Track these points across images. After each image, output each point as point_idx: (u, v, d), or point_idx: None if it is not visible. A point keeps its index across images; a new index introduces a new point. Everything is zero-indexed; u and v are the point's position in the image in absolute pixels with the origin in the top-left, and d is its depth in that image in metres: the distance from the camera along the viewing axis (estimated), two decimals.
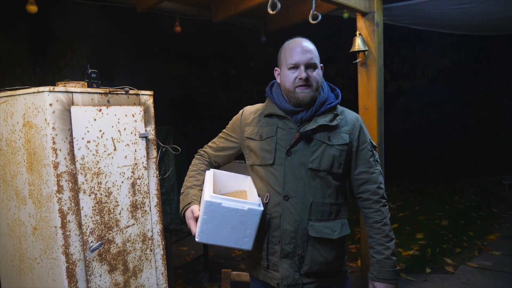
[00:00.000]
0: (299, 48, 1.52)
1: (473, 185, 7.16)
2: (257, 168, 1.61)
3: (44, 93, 1.78)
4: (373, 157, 1.60)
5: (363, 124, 1.63)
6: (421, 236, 4.80)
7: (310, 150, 1.51)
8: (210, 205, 1.40)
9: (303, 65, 1.50)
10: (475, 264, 3.95)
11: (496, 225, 5.12)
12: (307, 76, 1.50)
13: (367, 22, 3.10)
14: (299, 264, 1.52)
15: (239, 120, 1.73)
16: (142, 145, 2.23)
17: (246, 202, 1.44)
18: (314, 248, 1.51)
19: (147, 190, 2.27)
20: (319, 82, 1.56)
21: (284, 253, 1.52)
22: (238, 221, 1.42)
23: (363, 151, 1.58)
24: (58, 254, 1.83)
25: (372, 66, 3.12)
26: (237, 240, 1.44)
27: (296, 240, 1.51)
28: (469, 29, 3.99)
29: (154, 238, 2.32)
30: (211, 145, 1.80)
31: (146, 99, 2.30)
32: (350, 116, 1.62)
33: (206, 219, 1.40)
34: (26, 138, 1.88)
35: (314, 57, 1.53)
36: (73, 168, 1.88)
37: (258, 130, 1.62)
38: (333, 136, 1.54)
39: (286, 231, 1.51)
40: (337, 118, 1.56)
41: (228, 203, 1.40)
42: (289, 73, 1.53)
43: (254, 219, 1.42)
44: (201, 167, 1.74)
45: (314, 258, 1.51)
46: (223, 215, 1.41)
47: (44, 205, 1.85)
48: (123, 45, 4.29)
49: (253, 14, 3.98)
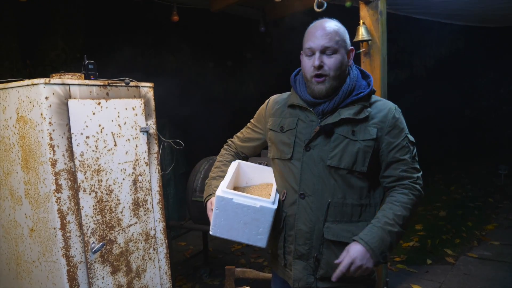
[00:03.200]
0: (318, 31, 1.36)
1: (469, 175, 7.19)
2: (277, 162, 1.52)
3: (39, 85, 1.66)
4: (410, 154, 1.39)
5: (398, 116, 1.40)
6: (420, 227, 4.79)
7: (330, 145, 1.37)
8: (221, 200, 1.36)
9: (319, 51, 1.35)
10: (475, 254, 3.95)
11: (493, 215, 5.15)
12: (320, 63, 1.34)
13: (371, 11, 3.01)
14: (314, 267, 1.42)
15: (264, 110, 1.63)
16: (143, 140, 2.13)
17: (259, 199, 1.38)
18: (330, 252, 1.39)
19: (149, 187, 2.17)
20: (339, 69, 1.37)
21: (298, 254, 1.44)
22: (250, 218, 1.37)
23: (395, 148, 1.38)
24: (58, 257, 1.73)
25: (376, 56, 3.05)
26: (250, 237, 1.39)
27: (311, 241, 1.41)
28: (470, 19, 3.95)
29: (157, 236, 2.23)
30: (238, 135, 1.73)
31: (147, 91, 2.19)
32: (383, 106, 1.41)
33: (218, 213, 1.38)
34: (21, 134, 1.76)
35: (333, 40, 1.35)
36: (72, 166, 1.77)
37: (280, 121, 1.51)
38: (359, 130, 1.37)
39: (301, 231, 1.42)
40: (365, 111, 1.38)
41: (239, 199, 1.36)
42: (306, 59, 1.40)
43: (267, 217, 1.36)
44: (227, 158, 1.69)
45: (330, 263, 1.39)
46: (235, 210, 1.36)
47: (42, 205, 1.74)
48: (118, 36, 4.13)
49: (252, 3, 3.87)
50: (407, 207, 1.35)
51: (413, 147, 1.42)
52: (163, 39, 4.92)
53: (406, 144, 1.39)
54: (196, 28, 5.00)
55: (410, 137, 1.42)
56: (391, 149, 1.38)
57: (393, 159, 1.39)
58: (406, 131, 1.41)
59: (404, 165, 1.39)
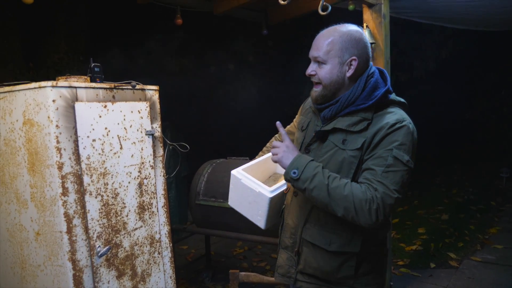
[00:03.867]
0: (315, 40, 1.43)
1: (470, 178, 7.18)
2: None
3: (46, 88, 1.65)
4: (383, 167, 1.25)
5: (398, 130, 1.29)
6: (422, 230, 4.78)
7: (322, 151, 1.44)
8: (234, 178, 1.59)
9: (312, 60, 1.42)
10: (478, 258, 3.94)
11: (495, 218, 5.14)
12: (310, 72, 1.42)
13: (374, 14, 3.02)
14: (296, 260, 1.52)
15: (301, 108, 1.73)
16: (148, 143, 2.12)
17: (260, 185, 1.54)
18: (308, 251, 1.47)
19: (154, 190, 2.16)
20: (329, 79, 1.36)
21: (283, 245, 1.58)
22: (252, 199, 1.55)
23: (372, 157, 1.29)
24: (64, 261, 1.72)
25: (379, 59, 3.05)
26: (253, 215, 1.59)
27: (296, 237, 1.51)
28: (472, 23, 3.95)
29: (162, 240, 2.21)
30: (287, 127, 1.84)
31: (152, 94, 2.18)
32: (385, 119, 1.32)
33: (232, 188, 1.62)
34: (27, 137, 1.75)
35: (322, 51, 1.35)
36: (78, 169, 1.76)
37: (303, 121, 1.61)
38: (350, 139, 1.35)
39: (287, 225, 1.56)
40: (363, 123, 1.33)
41: (245, 181, 1.56)
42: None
43: (263, 203, 1.53)
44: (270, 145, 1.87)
45: (307, 261, 1.48)
46: (242, 189, 1.56)
47: (48, 209, 1.73)
48: (121, 39, 4.13)
49: (255, 6, 3.87)
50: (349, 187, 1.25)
51: (394, 163, 1.25)
52: (165, 42, 4.93)
53: (385, 157, 1.26)
54: (199, 31, 5.00)
55: (396, 153, 1.26)
56: (369, 157, 1.31)
57: (366, 166, 1.31)
58: (396, 146, 1.27)
59: (370, 175, 1.27)
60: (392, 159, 1.26)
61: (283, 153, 1.37)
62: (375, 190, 1.24)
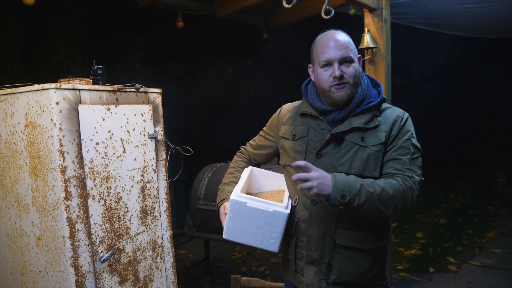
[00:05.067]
0: (332, 42, 1.41)
1: (467, 182, 7.22)
2: (289, 169, 1.54)
3: (50, 90, 1.63)
4: (408, 156, 1.38)
5: (407, 122, 1.43)
6: (421, 235, 4.79)
7: (341, 152, 1.40)
8: (235, 204, 1.39)
9: (337, 62, 1.39)
10: (477, 262, 3.95)
11: (493, 222, 5.16)
12: (341, 73, 1.39)
13: (375, 19, 3.03)
14: (326, 272, 1.43)
15: (276, 119, 1.67)
16: (151, 147, 2.10)
17: (272, 204, 1.40)
18: (342, 257, 1.42)
19: (156, 194, 2.14)
20: (357, 77, 1.43)
21: (310, 260, 1.46)
22: (263, 222, 1.40)
23: (395, 147, 1.39)
24: (66, 267, 1.68)
25: (380, 64, 3.05)
26: (262, 241, 1.42)
27: (323, 247, 1.43)
28: (472, 30, 3.97)
29: (164, 245, 2.19)
30: (251, 143, 1.77)
31: (155, 97, 2.16)
32: (391, 113, 1.44)
33: (232, 217, 1.40)
34: (29, 140, 1.72)
35: (349, 50, 1.41)
36: (81, 173, 1.73)
37: (292, 130, 1.55)
38: (368, 136, 1.40)
39: (313, 236, 1.44)
40: (376, 120, 1.41)
41: (253, 203, 1.39)
42: (322, 71, 1.43)
43: (280, 221, 1.39)
44: (240, 164, 1.72)
45: (342, 268, 1.42)
46: (249, 214, 1.39)
47: (50, 213, 1.69)
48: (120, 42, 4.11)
49: (255, 10, 3.87)
50: (391, 185, 1.31)
51: (415, 151, 1.40)
52: (165, 45, 4.91)
53: (407, 146, 1.39)
54: (200, 34, 4.99)
55: (414, 142, 1.42)
56: (391, 148, 1.40)
57: (390, 157, 1.40)
58: (411, 135, 1.42)
59: (400, 164, 1.37)
60: (412, 147, 1.40)
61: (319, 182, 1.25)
62: (410, 178, 1.35)
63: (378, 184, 1.30)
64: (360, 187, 1.28)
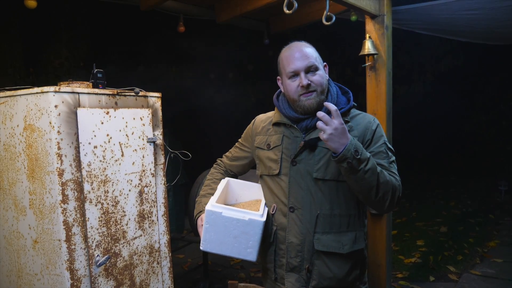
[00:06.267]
0: (295, 53, 1.45)
1: (468, 191, 7.18)
2: (265, 178, 1.58)
3: (49, 93, 1.63)
4: (387, 159, 1.43)
5: (378, 127, 1.48)
6: (421, 243, 4.74)
7: (315, 158, 1.44)
8: (211, 214, 1.39)
9: (303, 71, 1.43)
10: (478, 272, 3.91)
11: (494, 231, 5.11)
12: (308, 82, 1.42)
13: (377, 25, 3.03)
14: (306, 278, 1.46)
15: (250, 130, 1.70)
16: (150, 151, 2.09)
17: (248, 213, 1.41)
18: (322, 263, 1.44)
19: (154, 198, 2.13)
20: (324, 84, 1.47)
21: (290, 267, 1.48)
22: (240, 231, 1.39)
23: (374, 152, 1.43)
24: (62, 270, 1.67)
25: (381, 70, 3.05)
26: (240, 251, 1.41)
27: (303, 253, 1.45)
28: (474, 36, 3.97)
29: (161, 250, 2.17)
30: (227, 155, 1.79)
31: (154, 101, 2.16)
32: (363, 120, 1.49)
33: (208, 228, 1.40)
34: (27, 143, 1.72)
35: (313, 59, 1.44)
36: (79, 176, 1.73)
37: (266, 139, 1.58)
38: None
39: (292, 244, 1.46)
40: (346, 126, 1.40)
41: (228, 213, 1.39)
42: (290, 82, 1.47)
43: (256, 230, 1.40)
44: (216, 176, 1.74)
45: (322, 273, 1.44)
46: (225, 224, 1.39)
47: (47, 216, 1.69)
48: (122, 45, 4.12)
49: (257, 15, 3.88)
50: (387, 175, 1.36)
51: (391, 154, 1.46)
52: (166, 49, 4.93)
53: (384, 150, 1.44)
54: (201, 39, 5.01)
55: (388, 145, 1.47)
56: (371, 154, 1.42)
57: None
58: (385, 139, 1.47)
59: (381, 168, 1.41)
60: (388, 151, 1.45)
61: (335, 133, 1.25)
62: (396, 180, 1.39)
63: (380, 168, 1.35)
64: (369, 156, 1.32)
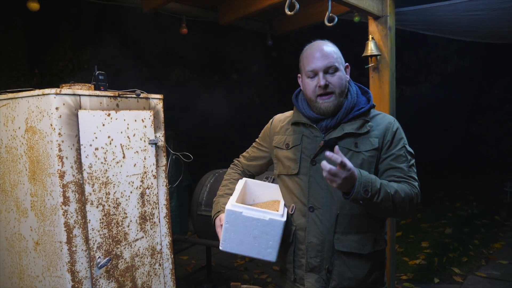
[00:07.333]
0: (316, 53, 1.44)
1: (474, 192, 7.11)
2: (284, 178, 1.56)
3: (50, 95, 1.64)
4: (406, 163, 1.43)
5: (398, 129, 1.47)
6: (426, 244, 4.70)
7: None
8: (231, 214, 1.38)
9: (322, 71, 1.42)
10: (483, 273, 3.86)
11: (500, 233, 5.06)
12: (326, 83, 1.41)
13: (380, 26, 3.01)
14: (326, 279, 1.44)
15: (268, 129, 1.68)
16: (151, 152, 2.09)
17: (268, 212, 1.40)
18: (342, 263, 1.43)
19: (156, 200, 2.13)
20: (343, 86, 1.45)
21: (310, 267, 1.47)
22: (260, 231, 1.39)
23: (391, 156, 1.42)
24: (63, 272, 1.68)
25: (384, 71, 3.03)
26: (259, 251, 1.40)
27: (323, 253, 1.44)
28: (478, 36, 3.94)
29: (163, 251, 2.17)
30: (244, 155, 1.78)
31: (156, 103, 2.17)
32: (383, 120, 1.48)
33: (228, 227, 1.39)
34: (29, 145, 1.73)
35: (334, 59, 1.43)
36: (80, 178, 1.73)
37: (285, 139, 1.56)
38: (361, 142, 1.43)
39: (312, 244, 1.45)
40: (367, 125, 1.44)
41: (249, 213, 1.38)
42: (308, 81, 1.46)
43: (276, 230, 1.39)
44: (234, 176, 1.73)
45: (342, 274, 1.43)
46: (245, 224, 1.38)
47: (48, 218, 1.70)
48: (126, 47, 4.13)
49: (260, 17, 3.88)
50: (402, 189, 1.34)
51: (411, 158, 1.44)
52: (170, 51, 4.93)
53: (403, 154, 1.42)
54: (203, 41, 5.01)
55: (408, 148, 1.45)
56: (387, 157, 1.42)
57: (389, 166, 1.42)
58: (405, 142, 1.45)
59: (400, 173, 1.41)
60: (408, 154, 1.44)
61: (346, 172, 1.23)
62: (414, 187, 1.38)
63: (392, 186, 1.33)
64: (380, 186, 1.30)
